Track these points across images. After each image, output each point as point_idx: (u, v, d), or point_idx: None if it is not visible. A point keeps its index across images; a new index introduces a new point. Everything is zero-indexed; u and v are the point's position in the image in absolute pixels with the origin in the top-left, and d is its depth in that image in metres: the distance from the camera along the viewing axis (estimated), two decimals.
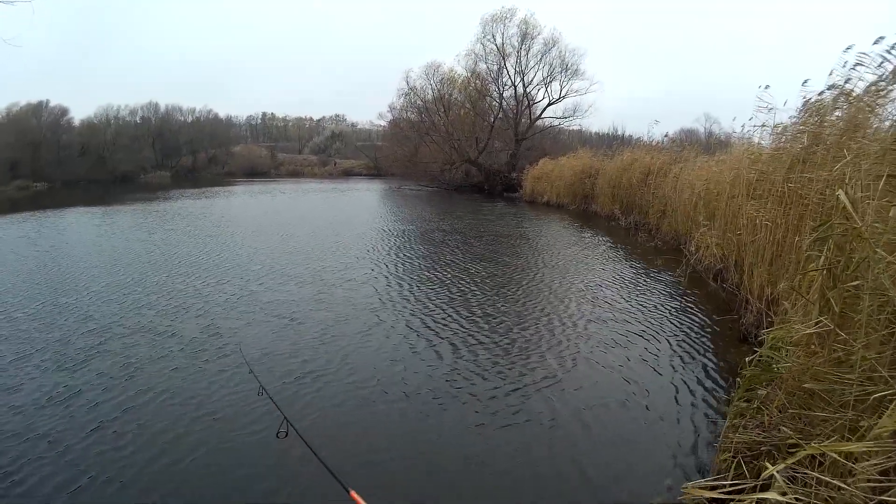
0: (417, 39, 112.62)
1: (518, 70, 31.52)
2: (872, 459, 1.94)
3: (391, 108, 36.81)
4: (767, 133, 6.64)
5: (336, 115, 78.29)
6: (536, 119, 32.51)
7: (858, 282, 2.55)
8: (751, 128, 7.21)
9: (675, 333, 5.65)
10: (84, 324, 5.73)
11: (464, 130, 31.57)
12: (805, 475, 2.11)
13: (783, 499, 1.94)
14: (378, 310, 6.32)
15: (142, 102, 51.60)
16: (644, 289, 7.62)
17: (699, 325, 5.95)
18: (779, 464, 2.12)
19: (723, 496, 2.41)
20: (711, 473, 2.94)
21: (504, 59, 31.54)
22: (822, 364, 2.69)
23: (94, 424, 3.57)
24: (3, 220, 16.28)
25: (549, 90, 31.65)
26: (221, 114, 61.99)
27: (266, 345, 5.10)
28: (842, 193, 2.69)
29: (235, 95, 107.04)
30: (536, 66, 31.31)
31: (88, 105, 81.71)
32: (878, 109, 4.15)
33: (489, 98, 32.88)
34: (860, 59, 4.32)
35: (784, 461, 2.14)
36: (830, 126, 4.93)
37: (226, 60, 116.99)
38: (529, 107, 32.28)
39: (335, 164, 59.51)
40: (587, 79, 31.04)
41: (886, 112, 4.11)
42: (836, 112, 4.93)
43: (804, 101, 5.61)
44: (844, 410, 2.38)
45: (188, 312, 6.15)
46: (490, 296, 7.05)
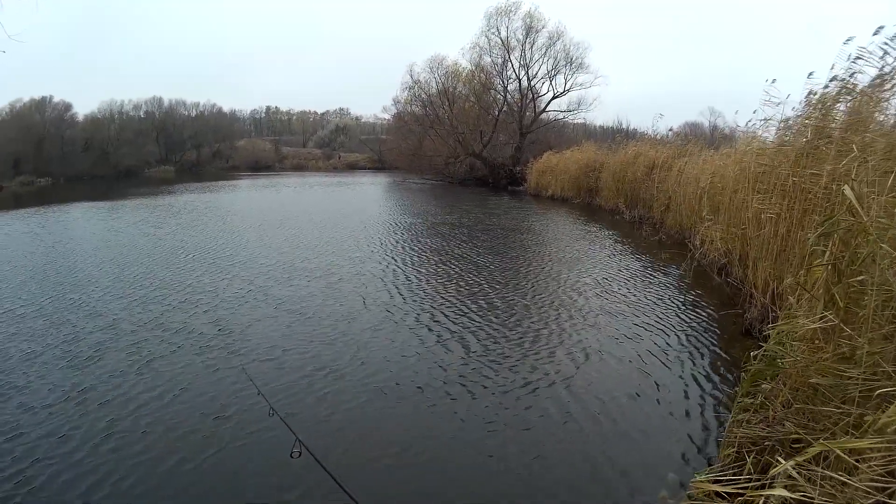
0: (422, 33, 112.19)
1: (522, 63, 31.43)
2: (879, 455, 1.94)
3: (395, 102, 36.92)
4: (772, 127, 6.61)
5: (340, 109, 78.21)
6: (541, 113, 32.38)
7: (863, 277, 2.54)
8: (755, 122, 7.18)
9: (680, 328, 5.65)
10: (93, 320, 5.70)
11: (468, 124, 31.49)
12: (810, 471, 2.11)
13: (790, 494, 1.94)
14: (389, 305, 6.31)
15: (145, 97, 51.85)
16: (649, 283, 7.61)
17: (703, 320, 5.94)
18: (789, 461, 2.12)
19: (732, 490, 2.42)
20: (716, 468, 2.95)
21: (508, 53, 31.44)
22: (827, 359, 2.69)
23: (106, 426, 3.50)
24: (9, 216, 16.38)
25: (554, 84, 31.54)
26: (225, 108, 62.16)
27: (276, 343, 5.02)
28: (848, 189, 2.68)
29: (240, 89, 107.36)
30: (541, 60, 31.22)
31: (92, 100, 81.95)
32: (883, 103, 4.13)
33: (493, 91, 32.78)
34: (861, 53, 4.30)
35: (794, 458, 2.14)
36: (834, 120, 4.90)
37: (230, 54, 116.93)
38: (534, 100, 32.16)
39: (339, 158, 59.51)
40: (592, 72, 30.75)
41: (892, 105, 4.09)
42: (840, 106, 4.90)
43: (807, 94, 5.58)
44: (849, 406, 2.39)
45: (197, 308, 6.12)
46: (500, 290, 7.06)
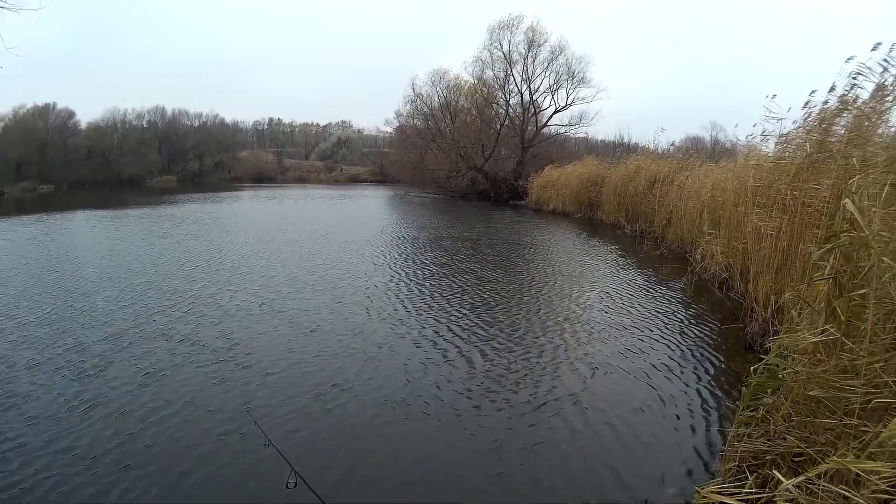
0: (424, 46, 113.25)
1: (525, 77, 31.65)
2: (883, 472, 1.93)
3: (397, 115, 36.97)
4: (772, 141, 6.66)
5: (342, 122, 78.87)
6: (543, 127, 32.55)
7: (865, 290, 2.55)
8: (756, 135, 7.23)
9: (682, 342, 5.64)
10: (98, 330, 5.64)
11: (470, 138, 31.64)
12: (813, 483, 2.10)
13: None
14: (395, 319, 6.23)
15: (148, 106, 52.26)
16: (651, 298, 7.60)
17: (705, 334, 5.93)
18: (794, 478, 2.11)
19: (735, 502, 2.40)
20: (718, 482, 2.93)
21: (511, 67, 31.69)
22: (828, 372, 2.69)
23: (105, 441, 3.43)
24: (11, 222, 16.45)
25: (556, 98, 31.75)
26: (228, 119, 62.59)
27: (279, 358, 4.93)
28: (849, 202, 2.70)
29: (243, 98, 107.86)
30: (543, 74, 31.43)
31: (95, 108, 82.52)
32: (885, 116, 4.16)
33: (496, 105, 32.97)
34: (861, 69, 4.34)
35: (804, 474, 2.13)
36: (835, 135, 4.94)
37: (233, 62, 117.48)
38: (536, 114, 32.35)
39: (341, 171, 59.82)
40: (593, 86, 30.94)
41: (892, 119, 4.12)
42: (840, 120, 4.94)
43: (807, 107, 5.63)
44: (850, 419, 2.38)
45: (202, 320, 6.04)
46: (505, 304, 7.03)
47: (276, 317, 6.23)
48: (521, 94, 32.10)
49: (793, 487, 1.99)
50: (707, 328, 6.15)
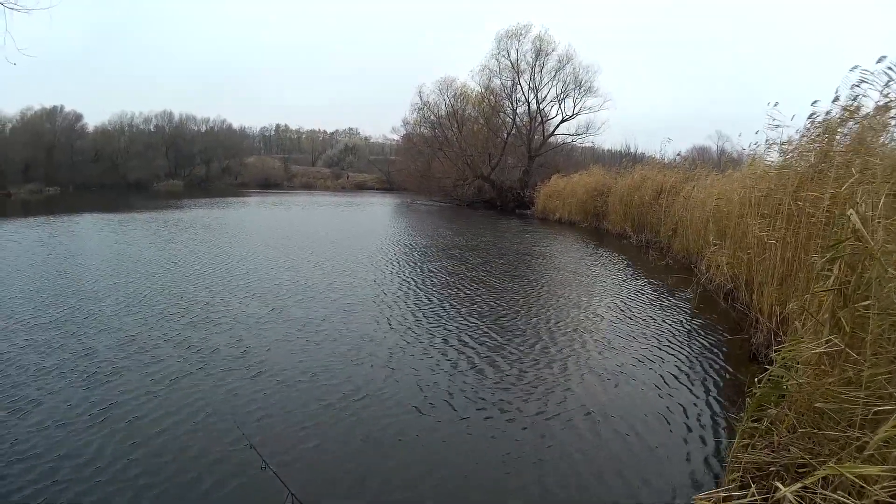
0: (432, 55, 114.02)
1: (532, 86, 31.72)
2: (883, 482, 1.92)
3: (404, 123, 37.20)
4: (776, 150, 6.67)
5: (349, 129, 79.26)
6: (549, 136, 32.57)
7: (869, 301, 2.54)
8: (761, 145, 7.24)
9: (687, 354, 5.63)
10: (106, 335, 5.60)
11: (477, 146, 31.70)
12: (814, 493, 2.09)
13: None
14: (405, 329, 6.19)
15: (156, 111, 52.80)
16: (656, 309, 7.59)
17: (710, 346, 5.91)
18: (793, 484, 2.10)
19: None
20: (720, 491, 2.91)
21: (518, 76, 31.75)
22: (833, 383, 2.68)
23: (117, 448, 3.40)
24: (18, 224, 16.58)
25: (563, 107, 31.79)
26: (235, 124, 63.16)
27: (290, 369, 4.84)
28: (853, 213, 2.70)
29: (249, 105, 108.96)
30: (550, 83, 31.49)
31: (102, 111, 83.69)
32: (889, 128, 4.16)
33: (503, 114, 33.07)
34: (864, 77, 4.35)
35: (800, 482, 2.12)
36: (838, 144, 4.94)
37: (241, 71, 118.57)
38: (543, 123, 32.39)
39: (348, 178, 60.11)
40: (600, 96, 30.92)
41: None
42: (843, 130, 4.94)
43: (811, 117, 5.65)
44: (854, 430, 2.36)
45: (213, 326, 6.00)
46: (517, 313, 7.04)
47: (288, 325, 6.19)
48: (528, 103, 32.23)
49: (790, 495, 1.98)
50: (712, 339, 6.13)
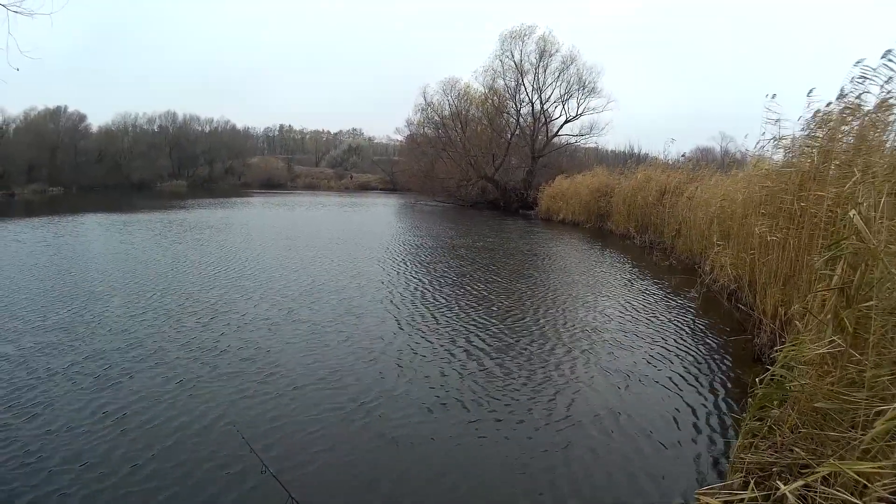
0: (436, 56, 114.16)
1: (535, 87, 31.78)
2: (884, 480, 1.93)
3: (408, 123, 37.31)
4: (780, 151, 6.65)
5: (353, 129, 79.14)
6: (553, 136, 32.60)
7: (872, 302, 2.54)
8: (764, 144, 7.20)
9: (691, 355, 5.63)
10: (115, 337, 5.57)
11: (480, 147, 31.75)
12: (817, 492, 2.09)
13: None
14: (415, 330, 6.18)
15: (160, 111, 53.03)
16: (660, 310, 7.59)
17: (714, 346, 5.91)
18: (794, 482, 2.10)
19: None
20: (724, 489, 2.92)
21: (522, 76, 31.84)
22: (835, 384, 2.67)
23: (125, 452, 3.38)
24: (23, 225, 16.63)
25: (567, 107, 31.80)
26: (239, 125, 63.19)
27: (302, 373, 4.79)
28: (854, 213, 2.69)
29: (253, 106, 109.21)
30: (554, 84, 31.52)
31: (106, 111, 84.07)
32: (891, 125, 4.15)
33: (506, 115, 33.10)
34: (864, 73, 4.33)
35: (802, 479, 2.12)
36: (840, 142, 4.92)
37: (244, 71, 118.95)
38: (546, 124, 32.43)
39: (351, 178, 60.24)
40: (604, 96, 30.97)
41: None
42: (845, 128, 4.93)
43: (812, 114, 5.63)
44: (856, 430, 2.36)
45: (223, 327, 5.97)
46: (524, 314, 7.05)
47: (297, 326, 6.18)
48: (532, 104, 32.28)
49: (791, 495, 1.98)
50: (716, 340, 6.13)
